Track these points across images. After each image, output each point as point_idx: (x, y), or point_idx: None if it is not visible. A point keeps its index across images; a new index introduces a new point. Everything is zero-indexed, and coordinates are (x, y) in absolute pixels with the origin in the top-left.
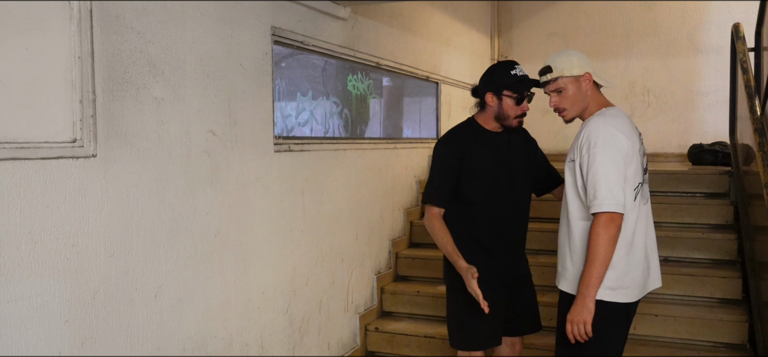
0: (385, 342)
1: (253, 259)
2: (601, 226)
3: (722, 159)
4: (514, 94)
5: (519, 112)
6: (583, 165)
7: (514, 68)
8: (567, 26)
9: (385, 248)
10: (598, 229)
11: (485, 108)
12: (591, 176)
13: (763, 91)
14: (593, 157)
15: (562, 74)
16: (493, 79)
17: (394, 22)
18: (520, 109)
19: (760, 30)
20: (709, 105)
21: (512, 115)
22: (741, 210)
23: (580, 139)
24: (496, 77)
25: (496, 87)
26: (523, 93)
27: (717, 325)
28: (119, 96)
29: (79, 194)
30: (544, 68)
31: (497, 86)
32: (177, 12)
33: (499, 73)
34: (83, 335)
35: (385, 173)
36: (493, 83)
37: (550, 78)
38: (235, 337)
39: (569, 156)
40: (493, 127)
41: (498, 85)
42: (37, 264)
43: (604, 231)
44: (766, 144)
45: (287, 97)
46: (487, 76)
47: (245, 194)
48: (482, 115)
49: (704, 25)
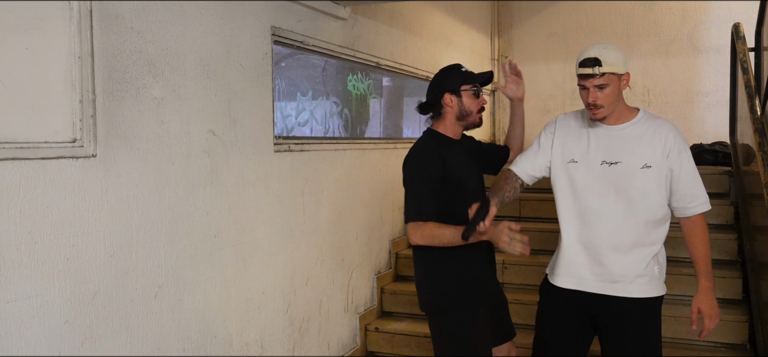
0: (385, 342)
1: (253, 259)
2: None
3: (722, 159)
4: (474, 86)
5: (480, 105)
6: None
7: (461, 67)
8: (567, 26)
9: (385, 248)
10: (705, 225)
11: (443, 114)
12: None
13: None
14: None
15: (612, 70)
16: (448, 80)
17: (394, 22)
18: (480, 102)
19: (760, 30)
20: (709, 105)
21: (474, 109)
22: (741, 210)
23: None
24: (450, 77)
25: (453, 86)
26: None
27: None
28: (119, 96)
29: (79, 194)
30: (590, 59)
31: (454, 85)
32: (177, 12)
33: (450, 73)
34: (83, 335)
35: (385, 173)
36: (448, 84)
37: (597, 72)
38: (235, 337)
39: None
40: (454, 133)
41: (454, 84)
42: (37, 264)
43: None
44: (766, 144)
45: (287, 97)
46: (439, 81)
47: (245, 194)
48: (441, 123)
49: (704, 25)
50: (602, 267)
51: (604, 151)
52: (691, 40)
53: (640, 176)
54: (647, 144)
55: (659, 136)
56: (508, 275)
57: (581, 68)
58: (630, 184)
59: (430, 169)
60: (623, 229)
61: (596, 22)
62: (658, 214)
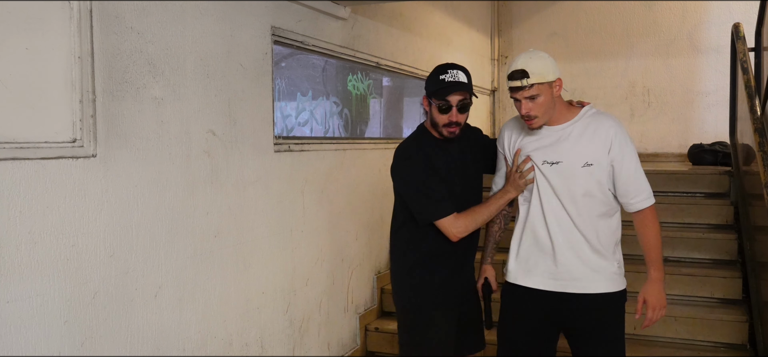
0: (385, 342)
1: (253, 259)
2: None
3: (722, 159)
4: (438, 101)
5: (445, 120)
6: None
7: (445, 72)
8: (567, 26)
9: (385, 248)
10: (654, 218)
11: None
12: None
13: (763, 91)
14: (629, 154)
15: (541, 80)
16: (428, 82)
17: (394, 22)
18: (446, 118)
19: (760, 30)
20: (709, 105)
21: (440, 123)
22: (741, 210)
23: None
24: (429, 80)
25: (428, 91)
26: (446, 100)
27: (717, 325)
28: (119, 96)
29: (79, 194)
30: (517, 72)
31: (427, 91)
32: (177, 12)
33: (432, 75)
34: (83, 335)
35: (385, 173)
36: (427, 86)
37: (525, 84)
38: (235, 337)
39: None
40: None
41: (427, 91)
42: (36, 264)
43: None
44: (766, 144)
45: (287, 97)
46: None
47: (245, 194)
48: (428, 121)
49: (704, 25)
50: (557, 265)
51: (545, 151)
52: (691, 40)
53: (582, 174)
54: (588, 141)
55: (600, 133)
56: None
57: (510, 81)
58: (573, 183)
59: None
60: (571, 226)
61: (596, 22)
62: (602, 210)
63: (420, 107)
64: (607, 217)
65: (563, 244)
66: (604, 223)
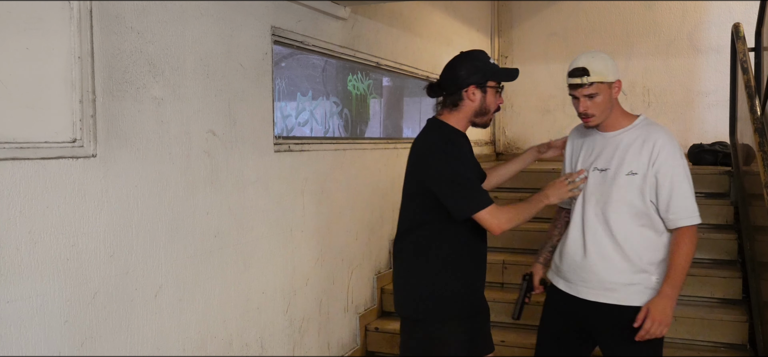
0: (385, 342)
1: (253, 259)
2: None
3: (722, 159)
4: (496, 85)
5: (500, 102)
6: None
7: (488, 57)
8: (567, 26)
9: (385, 248)
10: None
11: (460, 106)
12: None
13: (763, 91)
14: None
15: (600, 79)
16: (475, 70)
17: (394, 22)
18: (500, 100)
19: (760, 30)
20: (709, 105)
21: (493, 108)
22: (741, 210)
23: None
24: (477, 67)
25: (479, 79)
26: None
27: (717, 325)
28: (119, 96)
29: (79, 194)
30: (578, 69)
31: (480, 78)
32: (177, 12)
33: (478, 62)
34: (83, 335)
35: (385, 173)
36: (478, 73)
37: (585, 82)
38: (235, 337)
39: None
40: (464, 128)
41: (481, 77)
42: (36, 264)
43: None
44: (766, 144)
45: (287, 97)
46: (464, 69)
47: (245, 194)
48: (454, 115)
49: (704, 25)
50: (592, 274)
51: (597, 157)
52: (691, 40)
53: (625, 183)
54: (636, 151)
55: (648, 144)
56: (509, 275)
57: (570, 78)
58: (616, 190)
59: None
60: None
61: (596, 22)
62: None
63: (420, 107)
64: (648, 230)
65: (598, 252)
66: (643, 235)
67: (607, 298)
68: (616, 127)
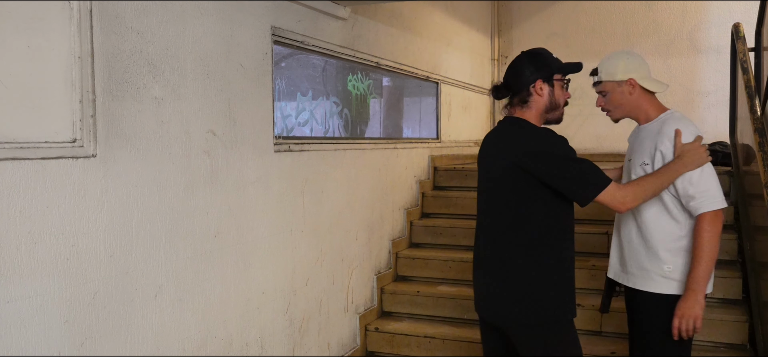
0: (385, 342)
1: (253, 259)
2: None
3: (722, 159)
4: (566, 77)
5: (567, 96)
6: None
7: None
8: (567, 26)
9: (385, 248)
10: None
11: (529, 103)
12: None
13: (763, 91)
14: None
15: (608, 78)
16: (540, 66)
17: (394, 22)
18: (567, 94)
19: (760, 30)
20: (709, 105)
21: (562, 102)
22: (741, 210)
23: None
24: (542, 63)
25: (545, 74)
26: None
27: (717, 325)
28: (119, 96)
29: (79, 194)
30: (593, 69)
31: (547, 72)
32: (177, 12)
33: (542, 58)
34: (83, 335)
35: (385, 173)
36: (543, 68)
37: (595, 80)
38: (235, 337)
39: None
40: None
41: (547, 71)
42: (36, 264)
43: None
44: (766, 144)
45: (287, 97)
46: (530, 65)
47: (245, 194)
48: (526, 112)
49: (704, 25)
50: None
51: (630, 149)
52: (691, 40)
53: (640, 174)
54: (651, 141)
55: (663, 132)
56: None
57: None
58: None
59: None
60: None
61: (596, 22)
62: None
63: (420, 107)
64: (665, 218)
65: (628, 240)
66: (663, 223)
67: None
68: (646, 120)
